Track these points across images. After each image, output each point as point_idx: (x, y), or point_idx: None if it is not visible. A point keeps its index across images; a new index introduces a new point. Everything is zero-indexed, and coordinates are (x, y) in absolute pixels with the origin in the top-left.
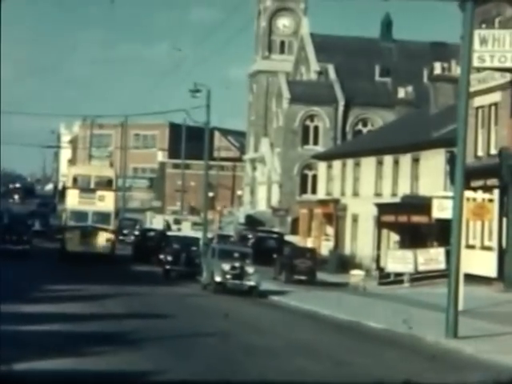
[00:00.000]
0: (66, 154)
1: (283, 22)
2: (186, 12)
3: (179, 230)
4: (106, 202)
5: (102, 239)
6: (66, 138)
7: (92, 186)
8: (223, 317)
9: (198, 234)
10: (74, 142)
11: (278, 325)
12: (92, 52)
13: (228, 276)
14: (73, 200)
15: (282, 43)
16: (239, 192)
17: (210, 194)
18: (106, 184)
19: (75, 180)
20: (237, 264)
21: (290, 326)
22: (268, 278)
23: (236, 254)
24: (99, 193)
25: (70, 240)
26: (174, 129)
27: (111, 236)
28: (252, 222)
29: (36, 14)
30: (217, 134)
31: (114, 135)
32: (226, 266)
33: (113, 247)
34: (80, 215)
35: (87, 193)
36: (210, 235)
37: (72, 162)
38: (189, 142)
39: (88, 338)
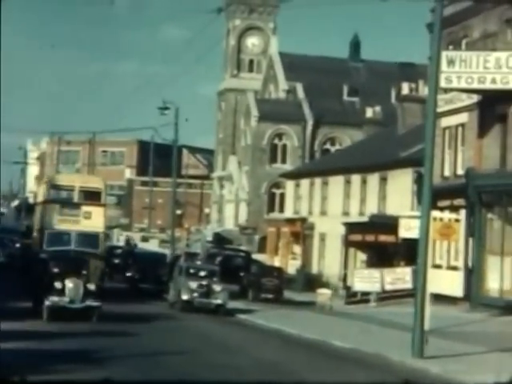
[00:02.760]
0: (33, 170)
1: (252, 41)
2: (155, 30)
3: (135, 246)
4: (94, 219)
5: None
6: (33, 154)
7: (76, 199)
8: (190, 335)
9: (166, 252)
10: (41, 159)
11: (244, 343)
12: (61, 69)
13: (195, 294)
14: (51, 218)
15: (251, 62)
16: (207, 210)
17: (178, 212)
18: (94, 197)
19: (55, 192)
20: (204, 282)
21: (256, 344)
22: (235, 297)
23: (203, 272)
24: (85, 208)
25: None
26: (142, 146)
27: (99, 263)
28: (219, 240)
29: (4, 29)
30: (185, 152)
31: (82, 152)
32: (193, 284)
33: (101, 276)
34: (60, 237)
35: (70, 208)
36: (177, 252)
37: (39, 178)
38: (157, 159)
39: (52, 356)
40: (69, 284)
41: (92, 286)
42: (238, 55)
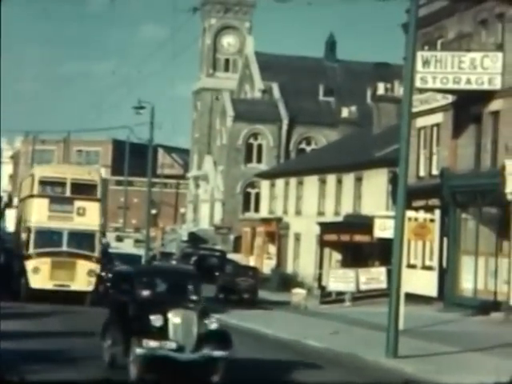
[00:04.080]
0: (7, 169)
1: (228, 40)
2: (132, 29)
3: (108, 245)
4: (89, 216)
5: (83, 271)
6: (7, 153)
7: (68, 193)
8: None
9: (141, 252)
10: (15, 158)
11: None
12: (37, 68)
13: None
14: (39, 214)
15: (227, 61)
16: (182, 209)
17: (153, 211)
18: (88, 191)
19: (43, 185)
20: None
21: None
22: (210, 296)
23: None
24: (78, 203)
25: (35, 272)
26: (118, 145)
27: (95, 267)
28: (195, 239)
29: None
30: (160, 151)
31: (57, 151)
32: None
33: (97, 283)
34: (50, 237)
35: (61, 203)
36: (152, 253)
37: (13, 177)
38: (132, 158)
39: (27, 356)
40: (174, 319)
41: (213, 324)
42: (214, 55)
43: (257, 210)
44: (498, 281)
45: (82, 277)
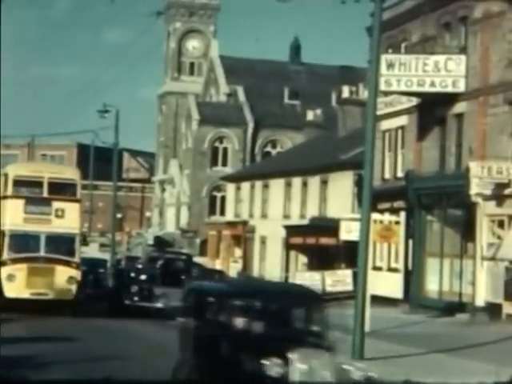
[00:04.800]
0: None
1: (193, 44)
2: (97, 33)
3: None
4: (68, 218)
5: (62, 278)
6: None
7: (45, 194)
8: (132, 339)
9: (106, 256)
10: None
11: None
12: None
13: (136, 298)
14: (14, 216)
15: (192, 65)
16: (148, 213)
17: (119, 216)
18: (67, 191)
19: (18, 185)
20: (145, 286)
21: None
22: (176, 300)
23: (144, 276)
24: (57, 205)
25: (10, 280)
26: (82, 149)
27: (75, 273)
28: (160, 243)
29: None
30: (126, 155)
31: (21, 155)
32: (134, 288)
33: (77, 291)
34: (26, 241)
35: (37, 205)
36: (118, 257)
37: None
38: (97, 162)
39: None
40: (299, 364)
41: (358, 372)
42: (179, 58)
43: (223, 213)
44: (463, 282)
45: (62, 284)
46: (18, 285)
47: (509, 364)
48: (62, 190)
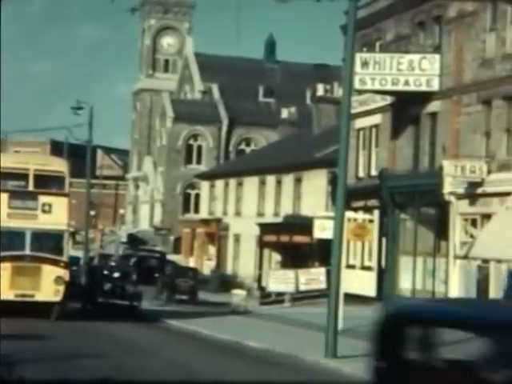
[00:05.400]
0: None
1: (167, 41)
2: (71, 29)
3: None
4: (56, 214)
5: (49, 279)
6: None
7: (31, 187)
8: (104, 338)
9: (79, 254)
10: None
11: (157, 345)
12: None
13: (109, 296)
14: None
15: (167, 62)
16: (121, 211)
17: (92, 213)
18: (55, 184)
19: (1, 178)
20: (118, 284)
21: (169, 345)
22: (150, 298)
23: (117, 274)
24: (43, 199)
25: None
26: (56, 146)
27: (63, 273)
28: (134, 240)
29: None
30: (100, 152)
31: None
32: (107, 286)
33: (65, 292)
34: (10, 238)
35: (23, 199)
36: (91, 254)
37: None
38: (70, 159)
39: None
40: None
41: None
42: (153, 55)
43: (197, 211)
44: (436, 280)
45: (49, 285)
46: (2, 286)
47: None
48: (49, 183)
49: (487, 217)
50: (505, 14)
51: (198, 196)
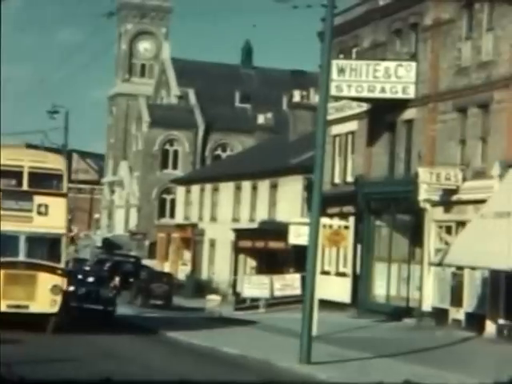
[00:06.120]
0: None
1: (144, 46)
2: (48, 33)
3: None
4: (53, 216)
5: (45, 288)
6: None
7: (25, 186)
8: (79, 342)
9: None
10: None
11: (131, 350)
12: None
13: (83, 300)
14: None
15: (143, 66)
16: (96, 215)
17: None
18: (52, 183)
19: None
20: (92, 288)
21: (143, 351)
22: (124, 303)
23: (91, 278)
24: (39, 199)
25: None
26: None
27: (61, 281)
28: (109, 245)
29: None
30: (75, 157)
31: None
32: (81, 291)
33: (63, 302)
34: (3, 242)
35: (16, 199)
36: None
37: None
38: None
39: None
40: None
41: None
42: (130, 60)
43: (172, 215)
44: (411, 287)
45: (44, 295)
46: None
47: (453, 368)
48: (45, 181)
49: (462, 224)
50: (480, 22)
51: (173, 201)
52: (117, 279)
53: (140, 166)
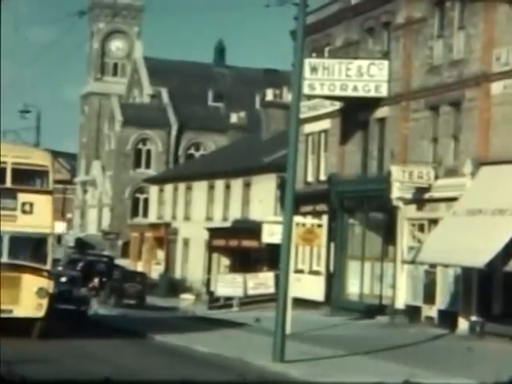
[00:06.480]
0: None
1: (116, 45)
2: (18, 31)
3: None
4: (39, 215)
5: (30, 291)
6: None
7: (9, 183)
8: (52, 343)
9: None
10: None
11: (104, 350)
12: None
13: (56, 300)
14: None
15: (115, 65)
16: (69, 215)
17: None
18: (38, 180)
19: None
20: (65, 288)
21: (116, 350)
22: (98, 302)
23: (64, 278)
24: (24, 197)
25: None
26: None
27: (47, 284)
28: (82, 245)
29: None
30: None
31: None
32: (54, 291)
33: (48, 307)
34: None
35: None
36: None
37: None
38: None
39: None
40: None
41: None
42: (102, 59)
43: (145, 215)
44: (384, 285)
45: (29, 298)
46: None
47: (425, 365)
48: (30, 178)
49: (434, 222)
50: (452, 21)
51: (146, 200)
52: (96, 280)
53: (113, 165)
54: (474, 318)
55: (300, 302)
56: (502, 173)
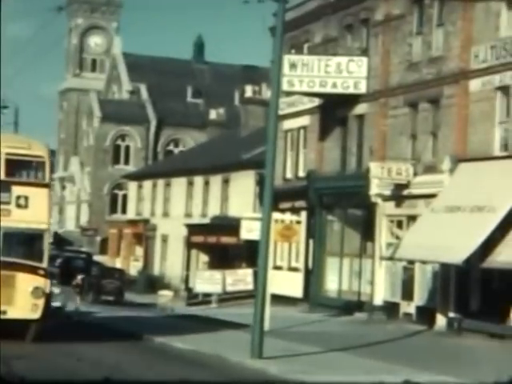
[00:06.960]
0: None
1: (95, 40)
2: None
3: None
4: (34, 209)
5: (25, 290)
6: None
7: (2, 175)
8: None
9: None
10: None
11: (82, 346)
12: None
13: None
14: None
15: (94, 61)
16: None
17: None
18: (33, 172)
19: None
20: None
21: (94, 346)
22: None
23: None
24: (19, 190)
25: None
26: None
27: (43, 283)
28: (60, 241)
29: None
30: None
31: None
32: None
33: (45, 307)
34: None
35: None
36: None
37: None
38: None
39: None
40: None
41: None
42: (81, 54)
43: (124, 211)
44: (362, 281)
45: (24, 298)
46: None
47: (402, 362)
48: (25, 170)
49: (413, 218)
50: (431, 18)
51: (125, 196)
52: (79, 277)
53: (91, 161)
54: (451, 315)
55: (278, 299)
56: (480, 169)
